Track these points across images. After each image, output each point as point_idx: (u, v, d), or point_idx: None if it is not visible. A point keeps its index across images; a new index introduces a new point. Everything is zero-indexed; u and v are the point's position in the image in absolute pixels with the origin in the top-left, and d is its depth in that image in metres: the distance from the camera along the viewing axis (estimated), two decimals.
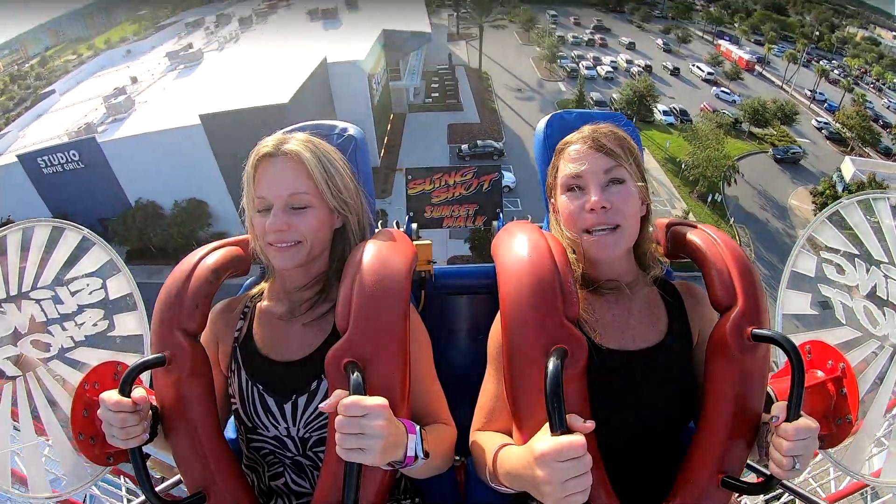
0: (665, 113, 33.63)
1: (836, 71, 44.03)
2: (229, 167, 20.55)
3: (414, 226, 2.09)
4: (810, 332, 1.31)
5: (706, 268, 1.04)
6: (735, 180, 25.65)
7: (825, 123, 34.91)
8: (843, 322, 1.29)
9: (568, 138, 1.12)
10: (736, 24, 57.07)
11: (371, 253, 1.04)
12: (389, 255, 1.05)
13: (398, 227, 1.96)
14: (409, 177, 2.13)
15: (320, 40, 28.57)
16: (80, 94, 31.06)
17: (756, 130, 32.37)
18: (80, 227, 1.36)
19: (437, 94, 36.62)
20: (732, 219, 24.41)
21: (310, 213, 1.08)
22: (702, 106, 34.89)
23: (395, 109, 32.99)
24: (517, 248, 1.05)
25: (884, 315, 1.25)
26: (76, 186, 21.87)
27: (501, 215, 2.12)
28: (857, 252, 1.30)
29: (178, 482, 1.27)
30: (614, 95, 35.20)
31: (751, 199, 26.49)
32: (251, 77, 24.36)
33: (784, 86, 41.20)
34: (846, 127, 32.70)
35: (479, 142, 29.08)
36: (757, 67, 45.15)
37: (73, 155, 21.76)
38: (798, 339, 1.27)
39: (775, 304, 1.36)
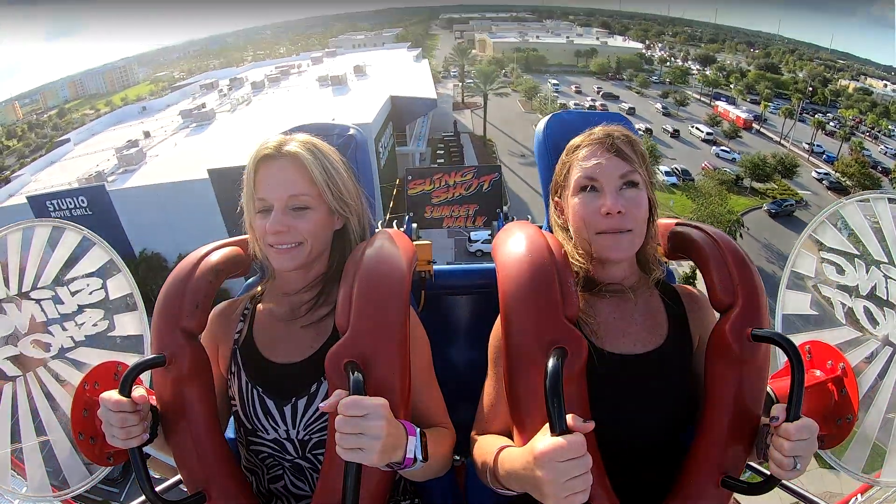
0: (667, 174, 34.12)
1: (831, 123, 45.28)
2: (234, 220, 20.36)
3: (414, 226, 2.09)
4: (810, 332, 1.31)
5: (706, 268, 1.04)
6: (741, 234, 25.82)
7: (825, 174, 35.63)
8: (843, 322, 1.29)
9: (581, 138, 1.11)
10: (731, 86, 59.27)
11: (371, 253, 1.04)
12: (389, 256, 1.05)
13: (398, 227, 1.97)
14: (410, 177, 2.14)
15: (329, 104, 29.37)
16: (94, 145, 31.89)
17: (758, 186, 32.91)
18: (80, 227, 1.36)
19: (442, 160, 37.13)
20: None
21: (310, 214, 1.08)
22: (703, 165, 35.63)
23: (401, 174, 33.37)
24: (517, 248, 1.05)
25: (884, 315, 1.25)
26: None
27: (501, 215, 2.12)
28: (856, 252, 1.30)
29: (178, 482, 1.26)
30: None
31: (757, 253, 26.61)
32: (260, 135, 24.62)
33: (782, 141, 42.21)
34: (846, 175, 33.23)
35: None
36: (754, 125, 46.51)
37: (82, 201, 22.10)
38: (798, 339, 1.27)
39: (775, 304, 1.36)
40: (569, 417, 0.81)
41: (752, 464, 1.14)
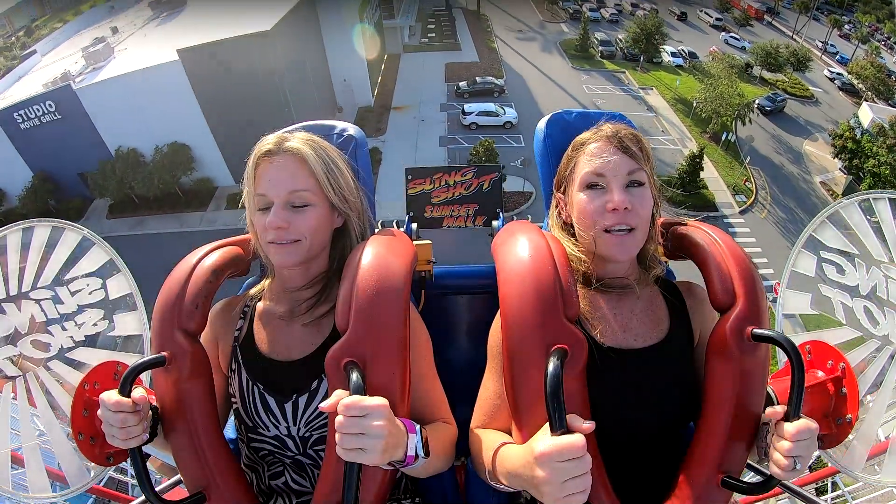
0: (673, 55, 32.58)
1: (846, 26, 42.56)
2: (211, 106, 19.75)
3: (414, 226, 2.09)
4: (810, 332, 1.31)
5: (706, 268, 1.04)
6: (750, 119, 24.64)
7: (838, 74, 33.82)
8: (843, 322, 1.29)
9: (588, 135, 1.11)
10: None
11: (371, 253, 1.04)
12: (389, 255, 1.05)
13: (398, 227, 1.96)
14: (409, 177, 2.13)
15: None
16: (62, 51, 29.33)
17: (768, 76, 31.35)
18: (80, 227, 1.36)
19: (433, 35, 35.56)
20: (749, 158, 23.35)
21: (310, 211, 1.08)
22: (711, 49, 33.86)
23: (389, 50, 32.04)
24: (517, 248, 1.05)
25: (884, 315, 1.25)
26: (54, 140, 20.56)
27: (502, 215, 2.12)
28: (857, 252, 1.30)
29: (178, 482, 1.27)
30: (620, 36, 34.15)
31: (764, 143, 25.63)
32: (235, 16, 22.61)
33: (794, 36, 39.79)
34: (860, 78, 31.47)
35: (478, 79, 28.14)
36: (766, 17, 43.85)
37: (50, 106, 20.20)
38: (798, 339, 1.27)
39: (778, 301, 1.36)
40: (569, 418, 0.81)
41: (752, 464, 1.14)
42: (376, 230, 1.24)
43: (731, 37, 37.79)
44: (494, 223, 2.09)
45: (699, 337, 1.11)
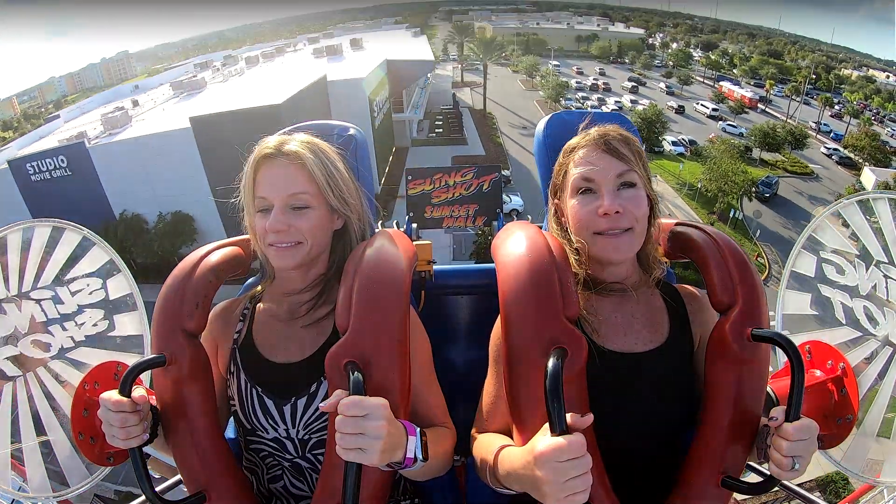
0: (674, 143, 33.57)
1: (836, 106, 44.66)
2: (218, 177, 19.74)
3: (414, 226, 2.09)
4: (810, 332, 1.31)
5: (706, 268, 1.04)
6: (752, 197, 25.20)
7: (834, 149, 35.02)
8: (843, 322, 1.29)
9: (577, 140, 1.11)
10: (735, 70, 58.58)
11: (371, 253, 1.04)
12: (389, 256, 1.05)
13: (398, 227, 1.96)
14: (409, 177, 2.13)
15: (323, 70, 28.20)
16: (84, 119, 30.57)
17: (767, 157, 32.24)
18: (80, 227, 1.37)
19: (440, 130, 36.66)
20: (759, 232, 23.93)
21: (310, 213, 1.08)
22: (710, 136, 34.90)
23: (397, 143, 32.76)
24: (517, 247, 1.05)
25: (884, 315, 1.25)
26: (62, 196, 21.01)
27: (502, 215, 2.12)
28: (856, 252, 1.30)
29: (178, 482, 1.27)
30: None
31: (771, 219, 26.06)
32: (249, 93, 23.92)
33: (788, 120, 41.45)
34: (856, 149, 32.47)
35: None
36: (759, 105, 45.91)
37: (62, 161, 20.99)
38: (798, 339, 1.27)
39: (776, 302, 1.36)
40: (568, 416, 0.81)
41: (752, 464, 1.14)
42: (376, 231, 1.24)
43: (729, 125, 39.19)
44: (494, 223, 2.09)
45: (699, 341, 1.11)
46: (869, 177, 26.96)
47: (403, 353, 0.97)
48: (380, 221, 1.67)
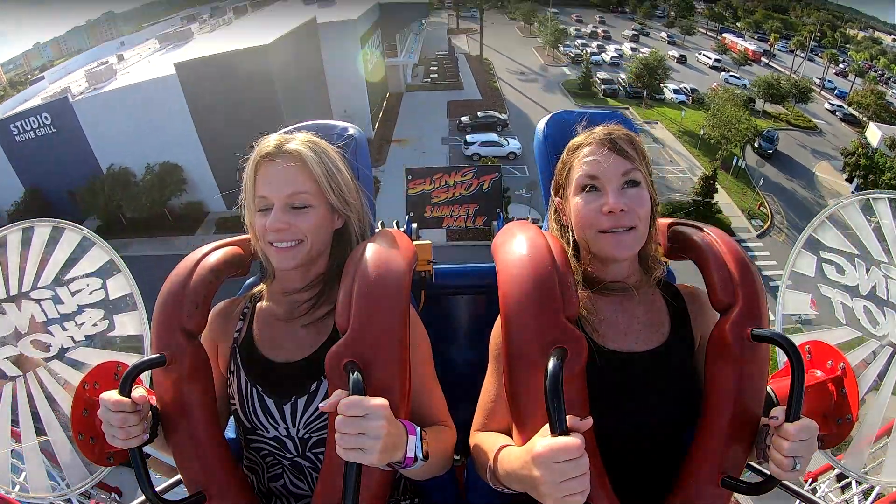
0: (676, 91, 32.90)
1: (842, 64, 43.39)
2: (206, 125, 19.32)
3: (414, 226, 2.09)
4: (810, 332, 1.31)
5: (706, 268, 1.04)
6: (759, 143, 24.38)
7: (838, 106, 34.11)
8: (843, 322, 1.29)
9: (581, 138, 1.11)
10: (739, 24, 57.08)
11: (371, 253, 1.04)
12: (389, 255, 1.05)
13: (398, 227, 1.97)
14: (409, 177, 2.14)
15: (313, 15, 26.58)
16: (69, 79, 28.98)
17: (770, 109, 31.40)
18: (80, 227, 1.37)
19: (436, 76, 35.79)
20: (762, 180, 23.20)
21: (310, 212, 1.08)
22: (713, 86, 34.04)
23: (391, 89, 31.98)
24: (517, 248, 1.05)
25: (884, 315, 1.25)
26: (48, 155, 20.25)
27: (502, 215, 2.12)
28: (856, 252, 1.30)
29: (178, 482, 1.27)
30: (622, 76, 34.51)
31: (773, 170, 25.32)
32: (237, 39, 22.38)
33: (792, 75, 39.99)
34: (861, 107, 31.70)
35: (480, 113, 28.02)
36: (763, 59, 44.64)
37: (45, 118, 19.99)
38: (798, 339, 1.27)
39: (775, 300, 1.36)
40: (568, 419, 0.81)
41: (752, 464, 1.14)
42: (376, 230, 1.24)
43: (731, 76, 38.29)
44: (494, 223, 2.10)
45: (700, 341, 1.11)
46: (875, 132, 26.20)
47: (403, 353, 0.97)
48: (380, 222, 1.67)
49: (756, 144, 26.15)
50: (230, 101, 19.24)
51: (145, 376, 1.04)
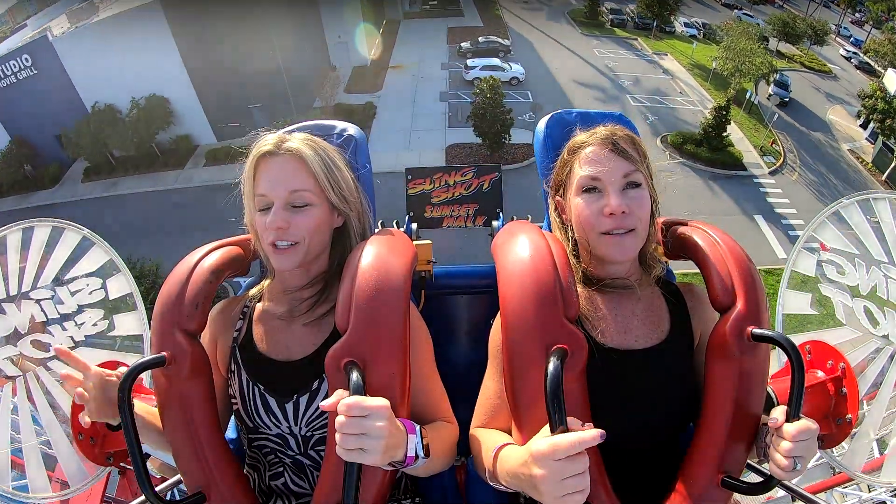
0: (686, 25, 31.69)
1: (858, 14, 41.48)
2: (193, 55, 18.64)
3: (414, 226, 2.09)
4: (810, 332, 1.31)
5: (706, 268, 1.04)
6: (774, 79, 23.69)
7: (854, 53, 33.09)
8: (843, 322, 1.29)
9: (583, 138, 1.10)
10: None
11: (371, 252, 1.04)
12: (389, 255, 1.05)
13: (398, 227, 1.97)
14: (409, 177, 2.14)
15: None
16: (53, 23, 26.84)
17: (784, 50, 30.29)
18: (80, 227, 1.37)
19: (435, 2, 34.59)
20: (777, 116, 22.08)
21: (310, 211, 1.08)
22: (725, 23, 32.27)
23: (388, 15, 30.89)
24: (517, 248, 1.05)
25: (884, 315, 1.25)
26: (32, 98, 19.27)
27: (502, 215, 2.12)
28: (857, 252, 1.30)
29: (178, 482, 1.27)
30: (630, 7, 33.32)
31: (786, 110, 24.61)
32: None
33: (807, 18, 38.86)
34: (878, 54, 30.25)
35: (481, 39, 26.81)
36: (778, 1, 42.73)
37: (26, 60, 19.09)
38: (798, 339, 1.27)
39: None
40: (569, 420, 0.81)
41: (752, 464, 1.14)
42: (376, 230, 1.24)
43: (744, 13, 36.43)
44: (494, 223, 2.09)
45: (699, 338, 1.11)
46: (892, 78, 25.42)
47: (403, 353, 0.97)
48: (380, 221, 1.67)
49: (770, 91, 25.01)
50: (217, 26, 18.48)
51: (145, 376, 1.04)
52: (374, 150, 1.39)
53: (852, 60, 32.74)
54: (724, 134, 19.36)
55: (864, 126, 23.65)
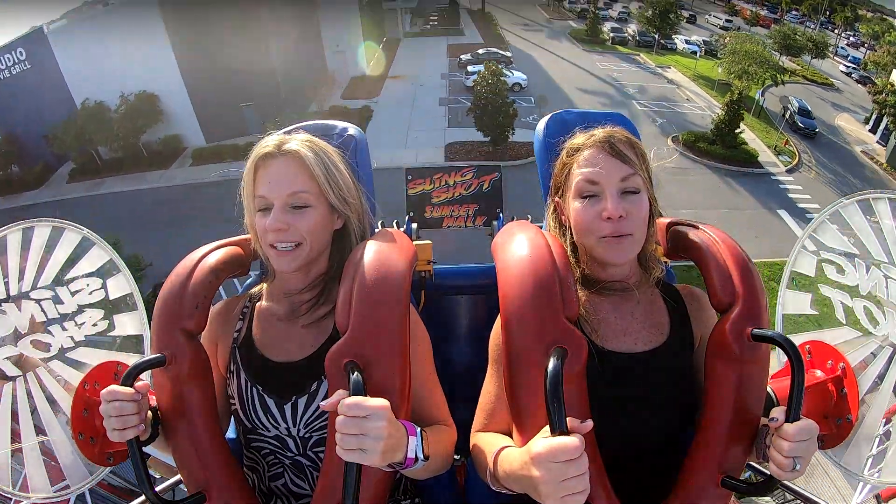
0: (688, 42, 32.31)
1: (852, 37, 42.00)
2: (186, 52, 18.48)
3: (414, 226, 2.09)
4: (810, 332, 1.31)
5: (706, 268, 1.04)
6: (783, 81, 23.67)
7: (853, 68, 33.68)
8: (843, 322, 1.29)
9: (581, 140, 1.10)
10: None
11: (371, 253, 1.04)
12: (389, 255, 1.05)
13: (398, 227, 1.97)
14: (409, 177, 2.14)
15: None
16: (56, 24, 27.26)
17: (787, 65, 30.20)
18: (80, 227, 1.37)
19: (435, 22, 35.15)
20: (788, 113, 22.44)
21: (310, 212, 1.08)
22: (725, 40, 32.81)
23: (388, 34, 31.08)
24: (517, 248, 1.05)
25: (884, 315, 1.25)
26: (24, 93, 19.28)
27: (502, 215, 2.12)
28: (857, 252, 1.30)
29: (178, 482, 1.27)
30: (631, 26, 34.04)
31: (795, 116, 24.43)
32: None
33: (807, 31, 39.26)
34: (879, 66, 30.21)
35: (481, 51, 27.17)
36: (773, 25, 42.99)
37: (20, 54, 19.15)
38: (798, 339, 1.27)
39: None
40: (568, 420, 0.81)
41: (752, 464, 1.14)
42: (376, 230, 1.24)
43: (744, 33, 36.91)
44: (494, 223, 2.09)
45: (699, 341, 1.11)
46: None
47: (404, 353, 0.97)
48: (380, 221, 1.67)
49: (792, 120, 24.27)
50: (214, 28, 18.31)
51: (146, 376, 1.04)
52: (370, 148, 1.39)
53: (853, 75, 33.25)
54: (738, 130, 19.24)
55: (873, 130, 23.73)
